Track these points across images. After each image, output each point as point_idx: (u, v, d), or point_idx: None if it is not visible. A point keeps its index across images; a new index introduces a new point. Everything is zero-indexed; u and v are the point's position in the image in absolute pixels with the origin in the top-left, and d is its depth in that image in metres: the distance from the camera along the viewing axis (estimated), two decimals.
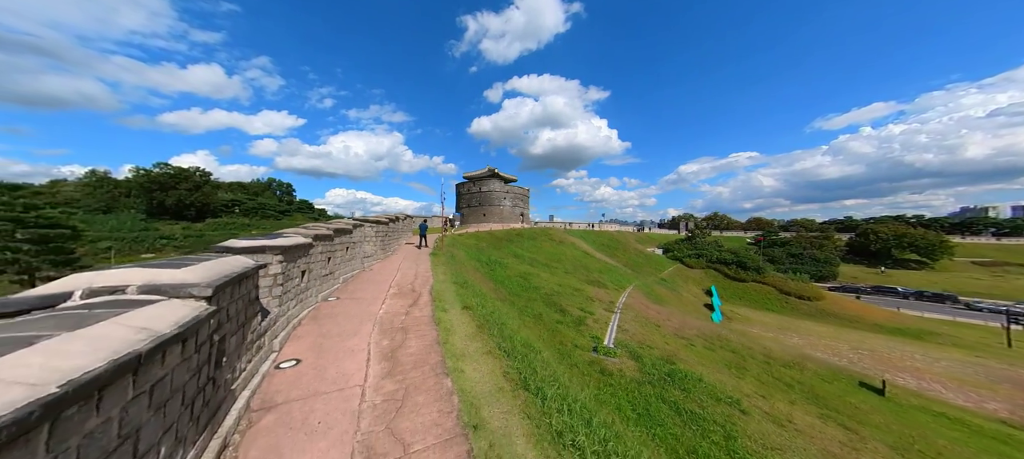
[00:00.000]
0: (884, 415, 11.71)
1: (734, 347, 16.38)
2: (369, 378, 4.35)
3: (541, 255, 27.93)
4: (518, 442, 3.32)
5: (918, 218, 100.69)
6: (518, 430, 3.50)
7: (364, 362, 4.82)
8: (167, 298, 2.36)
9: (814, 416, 10.05)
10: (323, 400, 3.79)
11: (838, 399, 12.23)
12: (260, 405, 3.63)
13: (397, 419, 3.46)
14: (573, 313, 13.95)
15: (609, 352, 10.61)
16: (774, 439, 7.72)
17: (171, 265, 2.95)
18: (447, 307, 7.77)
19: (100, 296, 2.30)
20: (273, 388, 3.96)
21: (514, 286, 15.46)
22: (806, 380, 13.72)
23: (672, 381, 9.33)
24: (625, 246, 65.93)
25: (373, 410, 3.62)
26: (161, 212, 54.44)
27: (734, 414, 8.39)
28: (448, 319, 6.91)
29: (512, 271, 18.71)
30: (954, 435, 11.40)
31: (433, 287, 9.54)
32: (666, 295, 35.80)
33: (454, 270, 12.92)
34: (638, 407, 7.64)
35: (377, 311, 7.21)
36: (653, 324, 16.34)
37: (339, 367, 4.64)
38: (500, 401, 4.03)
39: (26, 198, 18.39)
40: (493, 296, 11.84)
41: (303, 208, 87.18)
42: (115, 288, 2.38)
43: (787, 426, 8.73)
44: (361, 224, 12.12)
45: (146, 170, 53.06)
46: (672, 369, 10.17)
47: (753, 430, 7.85)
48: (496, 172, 48.93)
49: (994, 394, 16.24)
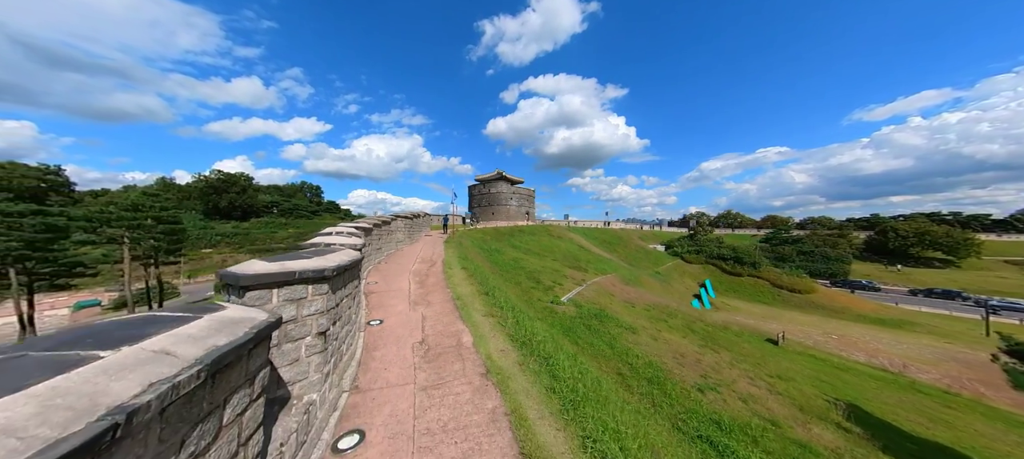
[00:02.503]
0: (758, 350, 16.64)
1: (678, 315, 21.31)
2: (411, 288, 10.03)
3: (536, 246, 33.30)
4: (476, 306, 8.87)
5: (955, 215, 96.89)
6: (478, 304, 9.06)
7: (407, 283, 10.52)
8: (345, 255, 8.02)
9: (691, 342, 15.14)
10: (391, 293, 9.51)
11: (729, 341, 17.19)
12: (367, 291, 9.36)
13: (425, 298, 9.11)
14: (546, 283, 19.31)
15: (560, 303, 15.97)
16: (643, 343, 12.93)
17: (316, 254, 8.62)
18: (452, 268, 13.41)
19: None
20: (369, 290, 9.69)
21: (505, 265, 20.95)
22: (716, 332, 18.66)
23: (596, 319, 14.63)
24: (626, 242, 70.06)
25: (414, 296, 9.29)
26: (214, 213, 62.85)
27: (626, 333, 13.65)
28: (451, 272, 12.54)
29: (507, 256, 24.20)
30: (811, 368, 16.16)
31: (445, 259, 15.19)
32: (651, 283, 40.42)
33: (460, 253, 18.50)
34: (565, 327, 12.97)
35: (410, 267, 12.95)
36: (609, 294, 21.51)
37: (396, 284, 10.37)
38: (475, 299, 9.60)
39: (160, 202, 25.55)
40: (486, 269, 17.34)
41: (330, 209, 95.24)
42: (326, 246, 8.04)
43: (659, 339, 13.90)
44: (395, 218, 17.96)
45: (204, 176, 61.43)
46: (600, 313, 15.48)
47: (632, 339, 13.10)
48: (503, 175, 54.49)
49: (934, 367, 17.93)
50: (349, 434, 3.81)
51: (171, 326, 1.88)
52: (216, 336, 1.90)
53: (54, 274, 22.06)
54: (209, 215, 62.29)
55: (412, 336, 6.74)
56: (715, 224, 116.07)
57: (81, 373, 1.32)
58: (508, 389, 4.97)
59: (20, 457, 0.93)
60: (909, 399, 13.64)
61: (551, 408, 4.73)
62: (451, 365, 5.61)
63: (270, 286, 3.22)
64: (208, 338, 1.86)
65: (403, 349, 6.18)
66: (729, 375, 12.12)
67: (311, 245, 6.39)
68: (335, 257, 4.44)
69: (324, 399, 3.82)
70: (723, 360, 13.82)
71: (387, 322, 7.45)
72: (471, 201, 56.85)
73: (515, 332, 7.52)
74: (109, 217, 21.86)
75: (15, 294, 19.35)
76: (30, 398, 1.13)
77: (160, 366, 1.49)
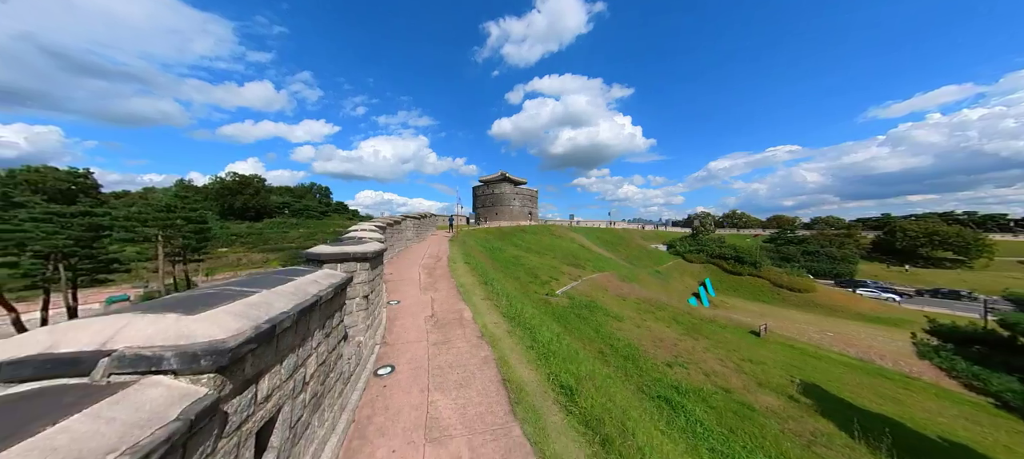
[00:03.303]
0: (737, 340, 18.11)
1: (667, 308, 22.80)
2: (421, 277, 11.76)
3: (536, 245, 34.91)
4: (476, 292, 10.56)
5: (970, 215, 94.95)
6: (478, 291, 10.76)
7: (417, 274, 12.26)
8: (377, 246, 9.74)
9: (674, 330, 16.67)
10: (405, 281, 11.28)
11: (711, 331, 18.67)
12: (384, 279, 11.10)
13: (433, 285, 10.84)
14: (543, 278, 20.95)
15: (554, 295, 17.59)
16: (626, 329, 14.51)
17: (355, 243, 10.37)
18: (456, 263, 15.12)
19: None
20: (386, 278, 11.44)
21: (505, 262, 22.62)
22: (701, 324, 20.14)
23: (586, 309, 16.23)
24: (628, 242, 71.32)
25: (424, 284, 11.02)
26: (229, 213, 65.39)
27: (612, 321, 15.24)
28: (455, 266, 14.24)
29: (507, 254, 25.87)
30: (786, 355, 17.58)
31: (449, 255, 16.91)
32: (649, 281, 41.80)
33: (464, 250, 20.21)
34: (556, 315, 14.58)
35: (420, 261, 14.69)
36: (602, 289, 23.06)
37: (408, 274, 12.12)
38: (476, 287, 11.30)
39: (190, 203, 27.78)
40: (487, 264, 19.01)
41: (339, 210, 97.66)
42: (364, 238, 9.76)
43: (642, 326, 15.47)
44: (405, 218, 19.74)
45: (220, 178, 64.01)
46: (591, 304, 17.08)
47: (617, 326, 14.68)
48: (507, 176, 56.16)
49: (920, 362, 18.10)
50: (384, 367, 5.52)
51: (306, 274, 3.59)
52: (329, 279, 3.61)
53: (94, 270, 24.22)
54: (224, 215, 64.79)
55: (424, 312, 8.45)
56: (720, 224, 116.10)
57: (290, 285, 3.02)
58: (497, 346, 6.64)
59: (286, 305, 2.62)
60: (871, 382, 15.02)
61: (528, 358, 6.39)
62: (454, 331, 7.30)
63: (337, 261, 4.93)
64: (325, 280, 3.56)
65: (417, 320, 7.88)
66: (701, 357, 13.66)
67: (347, 237, 8.09)
68: (371, 245, 6.14)
69: (367, 342, 5.53)
70: (700, 345, 15.34)
71: (403, 302, 9.16)
72: (475, 202, 58.61)
73: (507, 311, 9.18)
74: (145, 217, 24.05)
75: (64, 287, 21.48)
76: (277, 295, 2.83)
77: (315, 287, 3.20)
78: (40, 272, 19.15)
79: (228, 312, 2.04)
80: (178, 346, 1.62)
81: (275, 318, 2.23)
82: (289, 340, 2.54)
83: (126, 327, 1.72)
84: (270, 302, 2.47)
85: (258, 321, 2.07)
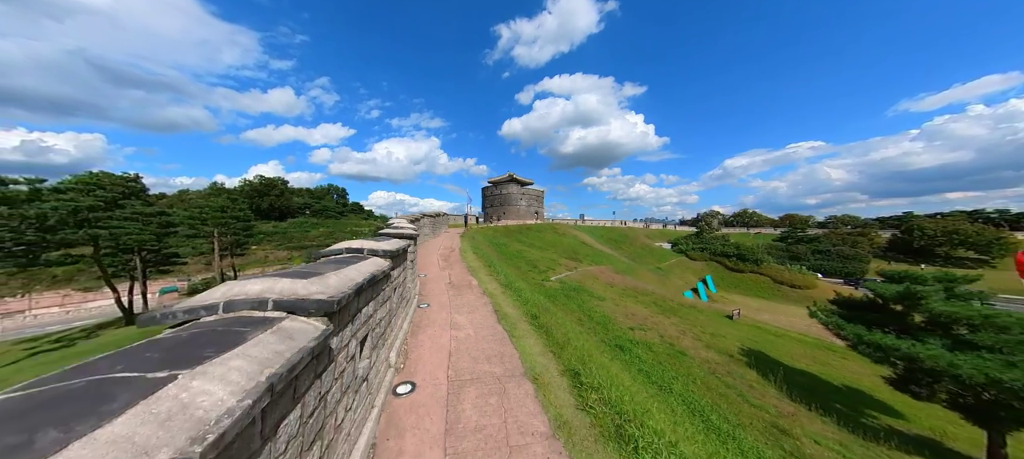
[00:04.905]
0: (708, 320, 21.12)
1: (651, 295, 25.82)
2: (439, 261, 15.35)
3: (539, 242, 38.23)
4: (482, 271, 14.03)
5: (1001, 213, 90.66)
6: (483, 271, 14.24)
7: (437, 259, 15.88)
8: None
9: (650, 310, 19.77)
10: (427, 264, 14.95)
11: (686, 313, 21.70)
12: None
13: (449, 266, 14.42)
14: (541, 268, 24.27)
15: (548, 281, 20.89)
16: (605, 307, 17.73)
17: (386, 238, 13.95)
18: (467, 253, 18.62)
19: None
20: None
21: (509, 254, 26.02)
22: (680, 308, 23.17)
23: (574, 291, 19.50)
24: (632, 240, 73.80)
25: (441, 265, 14.57)
26: (256, 214, 70.65)
27: (594, 300, 18.48)
28: (466, 255, 17.72)
29: (512, 248, 29.28)
30: (748, 333, 20.49)
31: (461, 248, 20.41)
32: (647, 276, 44.63)
33: (473, 244, 23.69)
34: (546, 293, 17.88)
35: (437, 251, 18.24)
36: (594, 278, 26.24)
37: (429, 260, 15.76)
38: (481, 269, 14.77)
39: (239, 205, 32.19)
40: (493, 255, 22.42)
41: (355, 210, 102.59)
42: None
43: (620, 305, 18.65)
44: (423, 216, 23.36)
45: (248, 181, 69.25)
46: (579, 288, 20.35)
47: (597, 304, 17.93)
48: (514, 177, 59.58)
49: None
50: (421, 304, 9.02)
51: (365, 258, 7.06)
52: (383, 262, 7.10)
53: (159, 263, 28.62)
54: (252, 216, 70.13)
55: (444, 280, 11.96)
56: (730, 223, 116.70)
57: (351, 268, 6.50)
58: (494, 298, 10.08)
59: (352, 283, 6.08)
60: (813, 353, 17.89)
61: (513, 303, 9.82)
62: (466, 291, 10.78)
63: (401, 238, 8.43)
64: (383, 260, 7.03)
65: (439, 285, 11.40)
66: (665, 327, 16.78)
67: (388, 229, 11.61)
68: (413, 229, 9.64)
69: (413, 288, 9.02)
70: (669, 321, 18.45)
71: (429, 274, 12.70)
72: (484, 202, 62.22)
73: (504, 282, 12.60)
74: (206, 217, 28.36)
75: (140, 277, 25.84)
76: (356, 270, 6.28)
77: (374, 267, 6.68)
78: (129, 263, 23.44)
79: (336, 276, 5.48)
80: (309, 298, 2.64)
81: (360, 282, 5.67)
82: (367, 294, 5.97)
83: (275, 284, 2.71)
84: (352, 276, 5.92)
85: (349, 283, 5.51)
